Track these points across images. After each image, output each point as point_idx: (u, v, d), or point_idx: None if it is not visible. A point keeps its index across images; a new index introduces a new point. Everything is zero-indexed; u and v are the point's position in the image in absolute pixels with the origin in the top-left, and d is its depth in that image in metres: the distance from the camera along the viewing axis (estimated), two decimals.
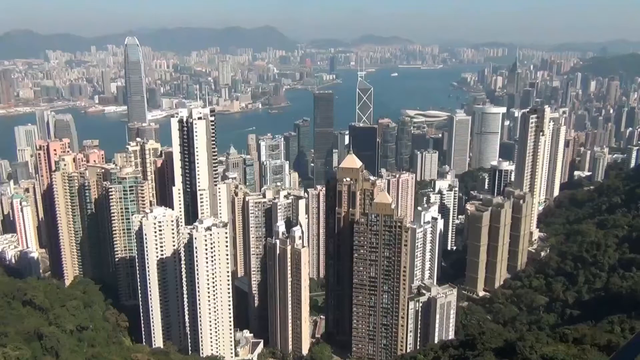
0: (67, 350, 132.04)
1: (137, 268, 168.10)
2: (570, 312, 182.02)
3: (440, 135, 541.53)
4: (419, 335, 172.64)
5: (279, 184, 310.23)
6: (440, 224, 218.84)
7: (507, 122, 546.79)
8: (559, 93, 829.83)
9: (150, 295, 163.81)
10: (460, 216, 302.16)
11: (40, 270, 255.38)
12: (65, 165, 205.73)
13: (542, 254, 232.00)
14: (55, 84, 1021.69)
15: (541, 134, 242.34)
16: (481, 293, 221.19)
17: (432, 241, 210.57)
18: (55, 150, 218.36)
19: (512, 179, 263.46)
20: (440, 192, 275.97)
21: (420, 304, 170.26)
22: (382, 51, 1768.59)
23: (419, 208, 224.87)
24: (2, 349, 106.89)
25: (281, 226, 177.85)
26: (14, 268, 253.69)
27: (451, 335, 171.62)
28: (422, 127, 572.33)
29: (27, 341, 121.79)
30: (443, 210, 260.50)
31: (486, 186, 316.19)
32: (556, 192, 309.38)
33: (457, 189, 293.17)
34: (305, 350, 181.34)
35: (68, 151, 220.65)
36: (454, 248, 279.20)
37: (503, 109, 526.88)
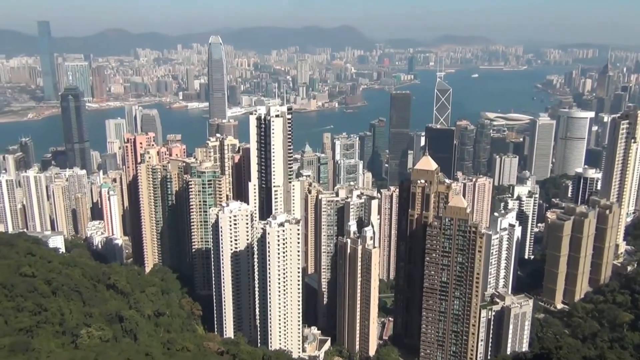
0: (145, 333, 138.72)
1: (212, 259, 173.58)
2: None
3: (521, 139, 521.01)
4: (490, 344, 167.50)
5: (352, 183, 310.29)
6: (517, 231, 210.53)
7: (595, 128, 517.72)
8: None
9: (224, 286, 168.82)
10: (539, 224, 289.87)
11: (124, 257, 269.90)
12: (149, 158, 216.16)
13: (629, 268, 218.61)
14: (143, 80, 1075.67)
15: (633, 140, 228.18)
16: (559, 305, 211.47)
17: (508, 249, 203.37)
18: (141, 143, 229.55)
19: (599, 187, 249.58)
20: (519, 198, 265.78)
21: (493, 313, 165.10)
22: (463, 51, 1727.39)
23: (496, 214, 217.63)
24: (87, 329, 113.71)
25: (353, 225, 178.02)
26: (100, 253, 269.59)
27: (525, 347, 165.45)
28: (502, 131, 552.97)
29: (109, 322, 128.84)
30: (521, 217, 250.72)
31: (569, 194, 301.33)
32: None
33: (537, 195, 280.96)
34: (372, 352, 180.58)
35: (153, 144, 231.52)
36: (532, 257, 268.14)
37: (591, 114, 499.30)
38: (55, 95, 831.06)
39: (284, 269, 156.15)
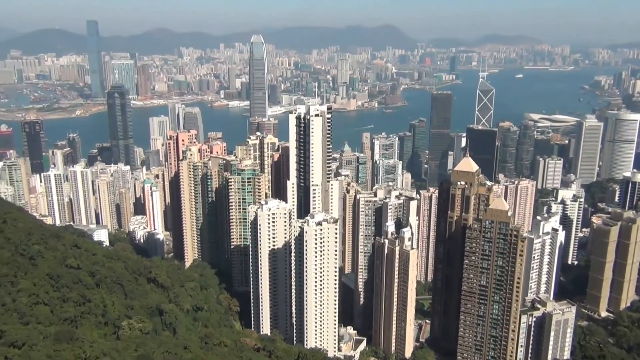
0: (184, 327, 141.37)
1: (250, 256, 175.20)
2: None
3: (566, 141, 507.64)
4: (530, 351, 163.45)
5: (390, 183, 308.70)
6: (561, 236, 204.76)
7: None
8: None
9: (261, 283, 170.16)
10: (584, 229, 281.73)
11: (164, 251, 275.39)
12: (191, 155, 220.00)
13: None
14: (186, 79, 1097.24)
15: None
16: (603, 313, 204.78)
17: (551, 254, 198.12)
18: (183, 140, 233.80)
19: None
20: (563, 202, 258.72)
21: (534, 319, 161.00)
22: (507, 51, 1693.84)
23: (538, 218, 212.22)
24: (128, 320, 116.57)
25: (391, 226, 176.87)
26: (142, 247, 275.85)
27: (566, 355, 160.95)
28: (546, 132, 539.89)
29: (149, 315, 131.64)
30: (565, 221, 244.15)
31: (616, 199, 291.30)
32: None
33: (582, 199, 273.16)
34: (408, 353, 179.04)
35: (194, 142, 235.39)
36: (575, 263, 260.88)
37: None
38: (102, 92, 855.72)
39: (320, 268, 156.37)
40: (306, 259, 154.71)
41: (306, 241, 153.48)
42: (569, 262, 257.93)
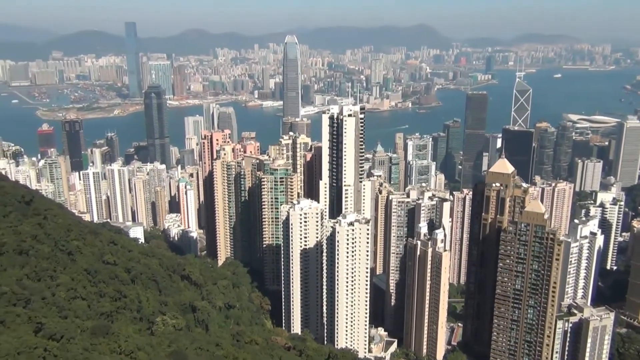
0: (216, 324, 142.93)
1: (282, 256, 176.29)
2: None
3: (606, 143, 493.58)
4: (566, 357, 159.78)
5: (424, 184, 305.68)
6: (600, 240, 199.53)
7: None
8: None
9: (292, 283, 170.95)
10: (624, 233, 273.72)
11: (198, 249, 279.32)
12: (225, 154, 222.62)
13: None
14: (221, 79, 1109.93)
15: None
16: None
17: (589, 258, 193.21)
18: (217, 140, 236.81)
19: None
20: (602, 205, 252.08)
21: (570, 325, 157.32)
22: (545, 50, 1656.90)
23: (576, 221, 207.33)
24: (162, 316, 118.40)
25: (423, 227, 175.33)
26: (176, 245, 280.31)
27: None
28: (585, 133, 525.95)
29: (182, 312, 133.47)
30: (604, 225, 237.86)
31: None
32: None
33: (622, 203, 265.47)
34: (439, 356, 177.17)
35: (228, 141, 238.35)
36: (615, 268, 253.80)
37: None
38: (139, 92, 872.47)
39: (352, 268, 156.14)
40: (338, 259, 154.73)
41: (338, 241, 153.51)
42: (608, 267, 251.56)
